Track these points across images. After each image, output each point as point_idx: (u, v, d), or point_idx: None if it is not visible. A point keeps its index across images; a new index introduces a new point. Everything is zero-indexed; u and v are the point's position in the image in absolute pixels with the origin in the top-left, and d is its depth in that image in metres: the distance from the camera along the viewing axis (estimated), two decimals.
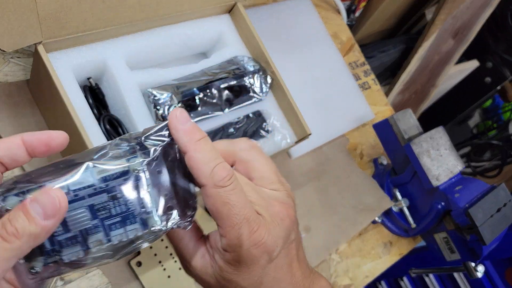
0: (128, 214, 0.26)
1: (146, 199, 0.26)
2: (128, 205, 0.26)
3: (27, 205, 0.23)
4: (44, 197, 0.23)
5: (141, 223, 0.26)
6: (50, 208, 0.23)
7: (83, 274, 0.51)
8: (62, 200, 0.23)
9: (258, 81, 0.58)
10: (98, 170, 0.25)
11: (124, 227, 0.26)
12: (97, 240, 0.25)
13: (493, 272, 1.15)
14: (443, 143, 0.71)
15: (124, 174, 0.26)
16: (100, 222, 0.25)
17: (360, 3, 1.03)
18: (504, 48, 1.28)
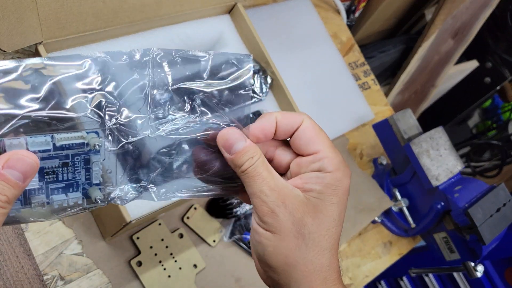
0: (73, 183, 0.28)
1: (94, 172, 0.29)
2: (75, 174, 0.28)
3: (5, 175, 0.24)
4: (17, 161, 0.25)
5: (83, 192, 0.29)
6: (28, 171, 0.25)
7: (83, 274, 0.51)
8: (36, 162, 0.25)
9: (258, 81, 0.58)
10: (59, 136, 0.27)
11: (67, 194, 0.28)
12: (39, 201, 0.27)
13: (492, 272, 1.15)
14: (442, 143, 0.71)
15: (81, 145, 0.28)
16: (45, 185, 0.28)
17: (360, 3, 1.04)
18: (504, 48, 1.28)
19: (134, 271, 0.54)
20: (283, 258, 0.29)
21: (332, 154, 0.30)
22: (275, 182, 0.29)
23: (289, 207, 0.29)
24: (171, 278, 0.56)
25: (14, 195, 0.25)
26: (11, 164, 0.25)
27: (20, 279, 0.48)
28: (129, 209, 0.47)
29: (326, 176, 0.30)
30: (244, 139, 0.30)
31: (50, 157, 0.27)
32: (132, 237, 0.55)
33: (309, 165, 0.30)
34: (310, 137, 0.31)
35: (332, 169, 0.30)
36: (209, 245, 0.60)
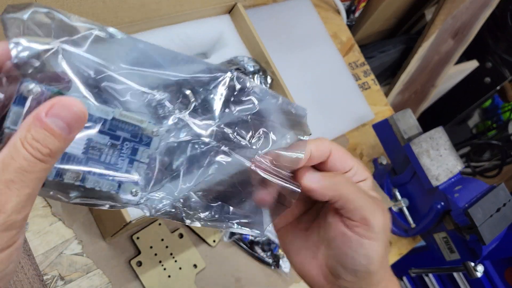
0: (112, 169, 0.26)
1: (135, 167, 0.26)
2: (118, 160, 0.26)
3: (46, 122, 0.21)
4: (61, 108, 0.22)
5: (117, 185, 0.26)
6: (75, 122, 0.22)
7: (83, 274, 0.51)
8: (85, 112, 0.23)
9: (258, 81, 0.58)
10: (121, 112, 0.25)
11: (102, 179, 0.25)
12: (75, 174, 0.25)
13: (492, 272, 1.15)
14: (442, 143, 0.71)
15: (136, 131, 0.25)
16: (86, 159, 0.25)
17: (360, 3, 1.04)
18: (504, 48, 1.28)
19: (134, 271, 0.54)
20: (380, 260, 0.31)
21: (359, 164, 0.36)
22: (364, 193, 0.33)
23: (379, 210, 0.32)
24: (171, 278, 0.56)
25: (58, 149, 0.22)
26: (55, 111, 0.22)
27: (20, 279, 0.48)
28: (129, 209, 0.47)
29: (368, 182, 0.35)
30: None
31: (103, 131, 0.24)
32: (132, 237, 0.55)
33: (352, 179, 0.35)
34: (343, 158, 0.35)
35: (367, 174, 0.36)
36: (209, 245, 0.60)
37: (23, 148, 0.21)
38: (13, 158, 0.21)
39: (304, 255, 0.34)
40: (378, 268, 0.30)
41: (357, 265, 0.30)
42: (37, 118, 0.21)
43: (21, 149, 0.21)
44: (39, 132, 0.21)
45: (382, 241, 0.30)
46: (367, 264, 0.30)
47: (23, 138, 0.21)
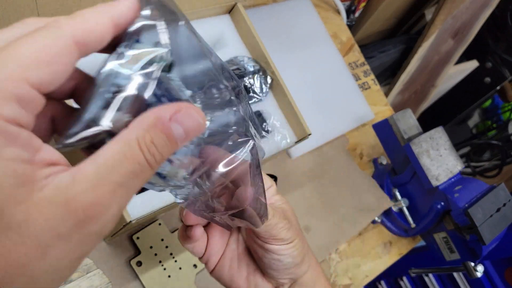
0: None
1: None
2: None
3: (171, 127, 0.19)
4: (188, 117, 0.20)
5: None
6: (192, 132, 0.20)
7: (83, 274, 0.51)
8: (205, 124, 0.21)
9: (258, 81, 0.58)
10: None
11: None
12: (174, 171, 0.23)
13: (492, 272, 1.15)
14: (442, 143, 0.71)
15: None
16: None
17: (360, 3, 1.04)
18: (504, 48, 1.28)
19: (134, 271, 0.54)
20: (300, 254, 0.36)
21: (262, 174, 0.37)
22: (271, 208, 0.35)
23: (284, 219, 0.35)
24: (171, 278, 0.56)
25: (168, 155, 0.20)
26: (180, 118, 0.20)
27: None
28: (129, 209, 0.47)
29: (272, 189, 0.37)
30: None
31: None
32: (132, 237, 0.55)
33: None
34: None
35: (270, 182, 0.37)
36: None
37: (140, 150, 0.19)
38: (126, 158, 0.18)
39: (236, 275, 0.38)
40: (302, 259, 0.36)
41: (285, 264, 0.36)
42: (161, 121, 0.19)
43: (137, 151, 0.19)
44: (159, 136, 0.19)
45: (296, 239, 0.36)
46: (292, 260, 0.36)
47: (141, 139, 0.19)
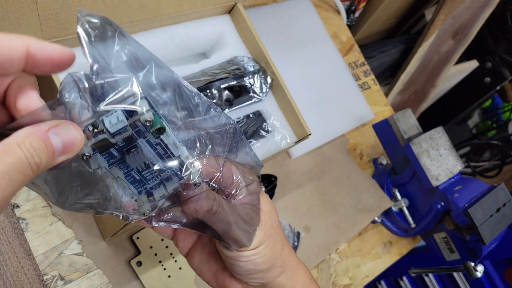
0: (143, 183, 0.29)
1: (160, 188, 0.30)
2: (153, 179, 0.29)
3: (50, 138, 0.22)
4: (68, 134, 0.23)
5: (138, 192, 0.30)
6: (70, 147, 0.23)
7: (83, 274, 0.51)
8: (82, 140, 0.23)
9: (258, 81, 0.58)
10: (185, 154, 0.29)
11: (132, 185, 0.29)
12: (116, 174, 0.28)
13: (492, 272, 1.15)
14: (442, 143, 0.71)
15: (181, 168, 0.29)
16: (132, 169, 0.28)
17: (360, 4, 1.04)
18: (504, 48, 1.28)
19: (134, 271, 0.54)
20: (269, 260, 0.35)
21: (246, 169, 0.37)
22: (237, 211, 0.34)
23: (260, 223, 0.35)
24: (171, 278, 0.56)
25: (46, 164, 0.22)
26: (58, 130, 0.22)
27: (20, 279, 0.48)
28: None
29: (251, 187, 0.36)
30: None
31: (162, 156, 0.28)
32: (132, 237, 0.55)
33: None
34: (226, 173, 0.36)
35: (251, 179, 0.36)
36: None
37: (19, 148, 0.21)
38: (8, 154, 0.21)
39: (204, 267, 0.38)
40: (269, 266, 0.35)
41: (247, 271, 0.35)
42: (40, 129, 0.22)
43: (17, 149, 0.21)
44: (36, 142, 0.22)
45: (261, 246, 0.35)
46: (254, 267, 0.35)
47: (21, 142, 0.21)
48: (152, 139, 0.27)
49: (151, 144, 0.27)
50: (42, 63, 0.23)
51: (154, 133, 0.26)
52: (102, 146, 0.26)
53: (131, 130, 0.26)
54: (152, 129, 0.26)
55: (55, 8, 0.43)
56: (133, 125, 0.25)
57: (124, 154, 0.27)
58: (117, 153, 0.27)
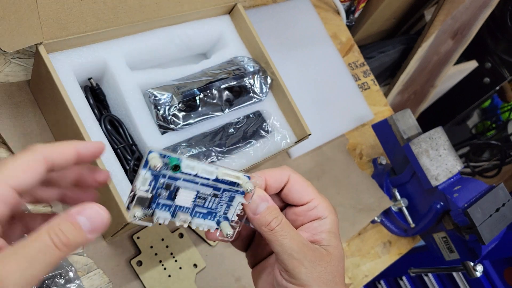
0: (213, 212, 0.33)
1: (231, 209, 0.33)
2: (218, 206, 0.33)
3: (76, 218, 0.25)
4: (93, 212, 0.26)
5: (217, 222, 0.33)
6: (98, 224, 0.26)
7: (83, 274, 0.51)
8: (108, 220, 0.26)
9: (258, 82, 0.58)
10: (223, 171, 0.31)
11: (205, 219, 0.33)
12: (184, 218, 0.31)
13: (492, 271, 1.16)
14: (442, 143, 0.71)
15: (234, 184, 0.32)
16: (193, 206, 0.32)
17: (360, 4, 1.04)
18: (503, 49, 1.28)
19: (134, 271, 0.54)
20: None
21: (322, 199, 0.35)
22: (301, 240, 0.32)
23: (318, 261, 0.32)
24: (171, 278, 0.56)
25: (75, 242, 0.25)
26: (87, 213, 0.25)
27: None
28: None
29: (325, 223, 0.34)
30: (267, 200, 0.33)
31: (207, 185, 0.31)
32: (133, 237, 0.55)
33: (306, 214, 0.35)
34: (301, 190, 0.35)
35: (326, 213, 0.34)
36: (209, 245, 0.61)
37: (47, 233, 0.24)
38: (35, 240, 0.24)
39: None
40: None
41: None
42: (69, 213, 0.25)
43: (44, 234, 0.24)
44: (65, 224, 0.25)
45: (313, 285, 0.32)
46: None
47: (50, 228, 0.24)
48: (188, 177, 0.30)
49: (190, 181, 0.31)
50: (86, 157, 0.29)
51: (172, 170, 0.29)
52: (143, 201, 0.30)
53: (162, 179, 0.30)
54: (170, 168, 0.29)
55: (55, 8, 0.43)
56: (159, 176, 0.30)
57: (174, 199, 0.31)
58: (169, 201, 0.31)
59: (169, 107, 0.51)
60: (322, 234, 0.34)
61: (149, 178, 0.29)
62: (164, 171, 0.29)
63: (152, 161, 0.28)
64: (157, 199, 0.30)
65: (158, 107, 0.50)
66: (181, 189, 0.31)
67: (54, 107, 0.48)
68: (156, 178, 0.29)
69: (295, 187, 0.35)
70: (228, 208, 0.33)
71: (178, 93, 0.52)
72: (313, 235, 0.34)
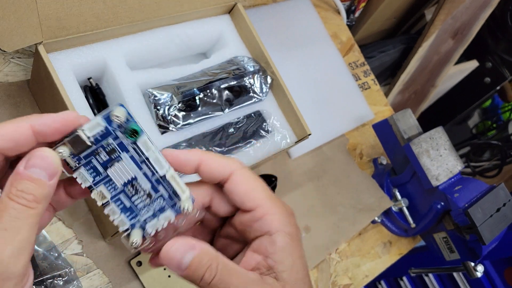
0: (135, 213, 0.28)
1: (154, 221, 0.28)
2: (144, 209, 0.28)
3: (27, 173, 0.24)
4: (39, 159, 0.24)
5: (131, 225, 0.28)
6: (51, 167, 0.24)
7: (83, 274, 0.51)
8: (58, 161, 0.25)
9: (258, 81, 0.58)
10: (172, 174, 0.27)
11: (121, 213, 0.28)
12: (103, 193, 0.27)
13: (492, 272, 1.16)
14: (442, 143, 0.71)
15: (174, 195, 0.27)
16: (119, 191, 0.28)
17: (360, 4, 1.04)
18: (504, 48, 1.28)
19: (134, 271, 0.54)
20: None
21: (271, 207, 0.28)
22: (249, 284, 0.27)
23: None
24: (171, 278, 0.56)
25: (42, 194, 0.24)
26: (32, 163, 0.24)
27: None
28: None
29: (277, 240, 0.28)
30: (193, 247, 0.26)
31: (149, 178, 0.27)
32: None
33: (252, 226, 0.28)
34: (244, 192, 0.28)
35: (277, 225, 0.28)
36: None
37: (9, 199, 0.23)
38: (1, 210, 0.23)
39: None
40: None
41: None
42: (17, 172, 0.24)
43: (8, 201, 0.23)
44: (20, 183, 0.24)
45: None
46: None
47: (8, 192, 0.24)
48: (136, 156, 0.26)
49: (135, 162, 0.27)
50: (50, 133, 0.25)
51: (128, 135, 0.26)
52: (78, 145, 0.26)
53: (111, 140, 0.26)
54: (127, 130, 0.26)
55: (55, 8, 0.43)
56: (111, 132, 0.26)
57: (106, 169, 0.27)
58: (101, 168, 0.27)
59: (169, 107, 0.50)
60: (274, 255, 0.28)
61: (101, 127, 0.26)
62: (118, 131, 0.26)
63: (116, 111, 0.25)
64: (91, 157, 0.26)
65: (158, 107, 0.50)
66: (121, 163, 0.26)
67: (54, 106, 0.48)
68: (106, 134, 0.26)
69: (237, 187, 0.28)
70: (152, 218, 0.27)
71: (178, 93, 0.51)
72: (265, 258, 0.28)
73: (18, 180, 0.24)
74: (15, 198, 0.23)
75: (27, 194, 0.23)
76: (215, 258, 0.26)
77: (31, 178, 0.24)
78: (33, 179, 0.24)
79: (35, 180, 0.24)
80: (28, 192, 0.24)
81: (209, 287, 0.26)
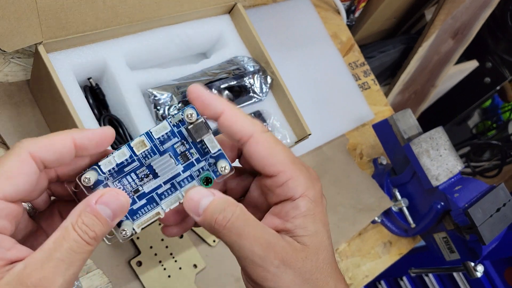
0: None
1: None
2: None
3: (97, 208, 0.24)
4: (110, 197, 0.25)
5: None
6: (119, 210, 0.25)
7: (83, 274, 0.51)
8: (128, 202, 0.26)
9: (258, 81, 0.58)
10: None
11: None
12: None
13: (492, 272, 1.15)
14: (442, 143, 0.71)
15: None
16: None
17: (360, 4, 1.04)
18: (504, 48, 1.28)
19: (134, 271, 0.54)
20: None
21: (295, 171, 0.27)
22: (265, 237, 0.25)
23: (289, 263, 0.25)
24: (171, 278, 0.56)
25: (102, 233, 0.24)
26: (105, 200, 0.25)
27: None
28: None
29: (298, 205, 0.27)
30: (212, 194, 0.26)
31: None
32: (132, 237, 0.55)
33: (275, 190, 0.27)
34: (265, 155, 0.26)
35: (301, 190, 0.27)
36: (209, 245, 0.60)
37: (73, 231, 0.23)
38: (64, 239, 0.23)
39: None
40: None
41: None
42: (88, 204, 0.24)
43: (72, 232, 0.23)
44: (88, 217, 0.24)
45: None
46: None
47: (74, 223, 0.24)
48: None
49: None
50: (90, 148, 0.26)
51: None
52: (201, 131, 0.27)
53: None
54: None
55: (55, 8, 0.43)
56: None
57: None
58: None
59: (169, 107, 0.50)
60: (295, 220, 0.26)
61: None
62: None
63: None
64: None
65: (158, 107, 0.50)
66: None
67: (54, 106, 0.48)
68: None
69: (258, 151, 0.26)
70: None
71: (178, 93, 0.51)
72: (284, 222, 0.27)
73: (86, 212, 0.24)
74: (79, 231, 0.24)
75: (91, 231, 0.24)
76: (233, 204, 0.26)
77: (99, 215, 0.24)
78: (100, 217, 0.24)
79: (101, 219, 0.24)
80: (92, 228, 0.24)
81: (223, 233, 0.25)
